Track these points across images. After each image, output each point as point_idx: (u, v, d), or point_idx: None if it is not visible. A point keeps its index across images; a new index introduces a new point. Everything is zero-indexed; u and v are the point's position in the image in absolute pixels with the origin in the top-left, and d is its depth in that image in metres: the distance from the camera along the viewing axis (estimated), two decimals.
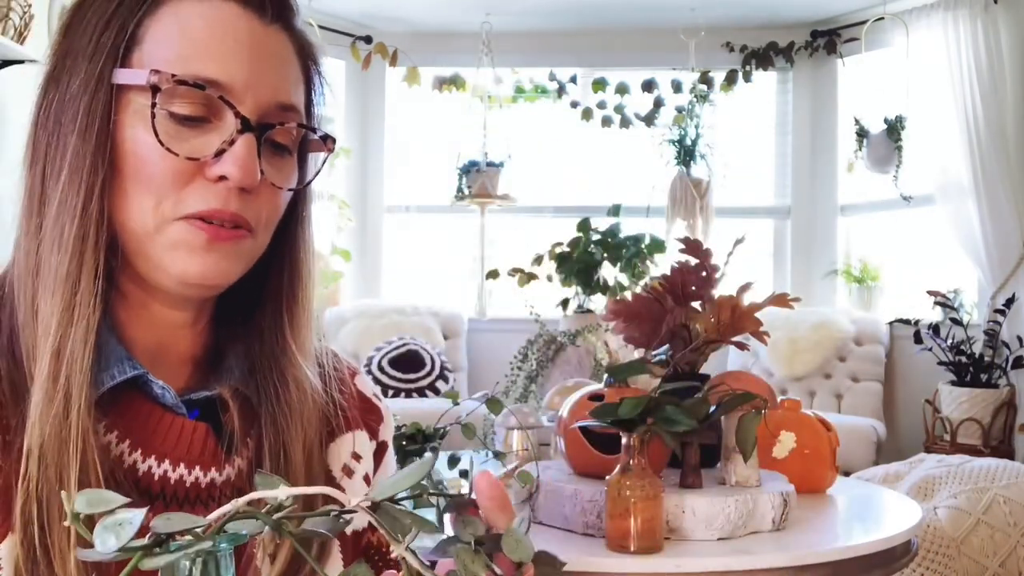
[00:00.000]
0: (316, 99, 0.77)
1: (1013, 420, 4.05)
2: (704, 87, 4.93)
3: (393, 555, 0.86)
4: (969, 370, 4.13)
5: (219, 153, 0.67)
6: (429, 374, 4.54)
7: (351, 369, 0.85)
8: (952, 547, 2.43)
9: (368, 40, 5.00)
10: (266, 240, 0.73)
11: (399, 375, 4.50)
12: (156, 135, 0.66)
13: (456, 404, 1.65)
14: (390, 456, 0.85)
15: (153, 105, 0.66)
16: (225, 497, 0.70)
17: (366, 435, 0.81)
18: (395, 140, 5.28)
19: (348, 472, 0.78)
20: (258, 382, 0.73)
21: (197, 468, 0.70)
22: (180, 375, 0.74)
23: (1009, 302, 4.13)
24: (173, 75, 0.66)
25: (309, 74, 0.76)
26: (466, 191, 4.90)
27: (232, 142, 0.67)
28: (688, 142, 4.90)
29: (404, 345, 4.58)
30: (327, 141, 0.75)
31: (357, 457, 0.79)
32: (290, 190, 0.73)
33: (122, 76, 0.67)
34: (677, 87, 5.01)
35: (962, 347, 4.16)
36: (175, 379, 0.73)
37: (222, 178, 0.67)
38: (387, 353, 4.55)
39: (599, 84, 5.12)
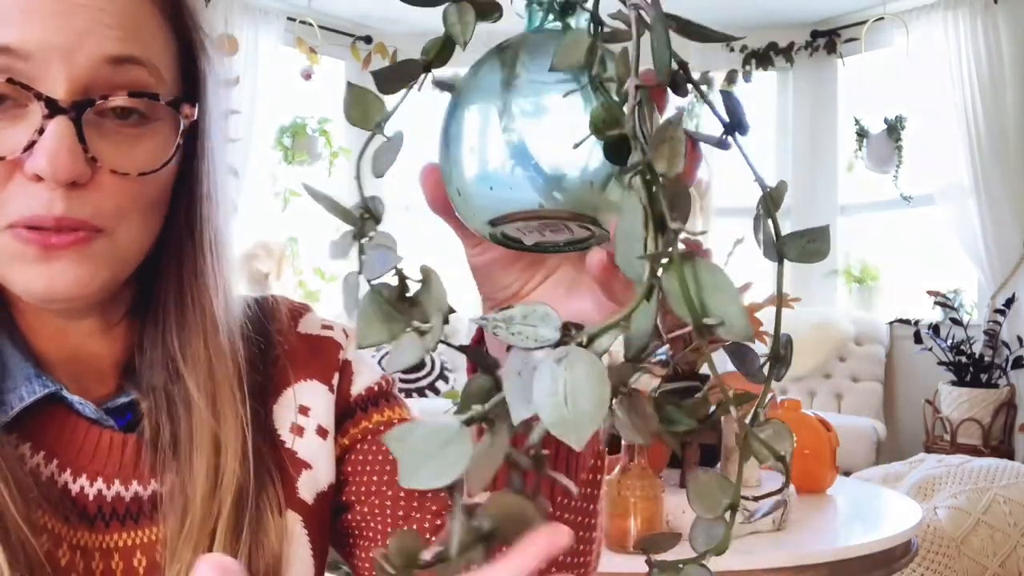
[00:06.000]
0: (199, 52, 0.64)
1: (1013, 420, 4.05)
2: (704, 87, 4.92)
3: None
4: (969, 370, 4.13)
5: (31, 146, 0.55)
6: (429, 374, 4.54)
7: (295, 311, 0.76)
8: (952, 547, 2.43)
9: (368, 40, 4.99)
10: (136, 235, 0.61)
11: (399, 375, 4.50)
12: None
13: (456, 404, 1.65)
14: (360, 364, 0.77)
15: None
16: (172, 505, 0.63)
17: (314, 382, 0.72)
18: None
19: (298, 431, 0.70)
20: (158, 390, 0.65)
21: (134, 483, 0.64)
22: (106, 383, 0.67)
23: (1009, 302, 4.13)
24: None
25: (180, 23, 0.63)
26: None
27: (42, 130, 0.55)
28: None
29: None
30: (181, 107, 0.61)
31: (304, 410, 0.71)
32: (143, 174, 0.59)
33: None
34: None
35: (962, 347, 4.16)
36: (101, 387, 0.66)
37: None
38: (387, 353, 4.55)
39: None
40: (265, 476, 0.66)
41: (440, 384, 4.52)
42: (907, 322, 4.38)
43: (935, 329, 4.21)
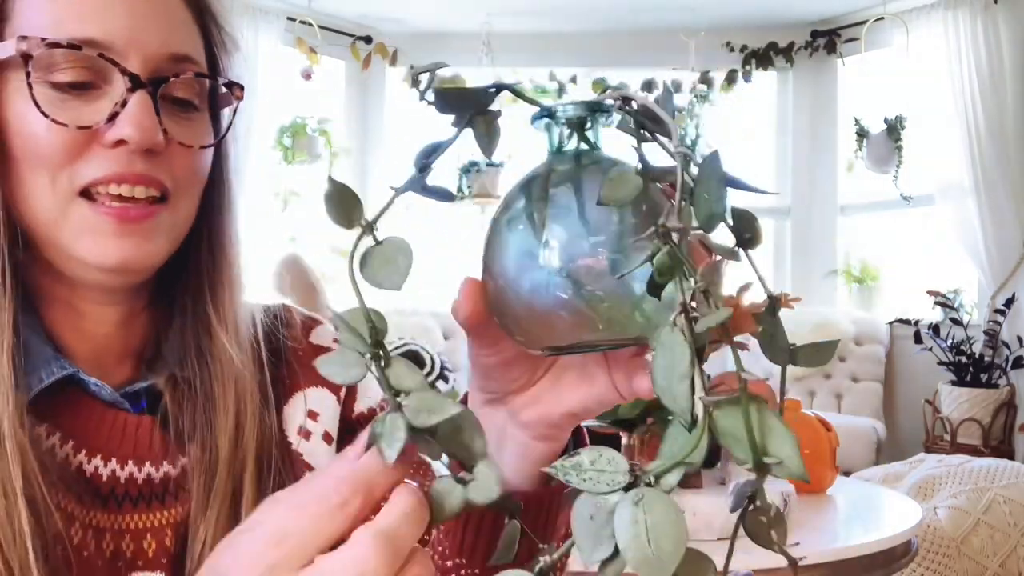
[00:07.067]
0: (218, 49, 0.71)
1: (1013, 420, 4.05)
2: (704, 87, 4.93)
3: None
4: (969, 370, 4.13)
5: (112, 117, 0.62)
6: (429, 374, 4.54)
7: (307, 323, 0.79)
8: (952, 547, 2.43)
9: (368, 40, 4.99)
10: (190, 209, 0.68)
11: None
12: (38, 106, 0.61)
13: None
14: (365, 384, 0.78)
15: (28, 75, 0.61)
16: (183, 491, 0.66)
17: (324, 390, 0.75)
18: (395, 140, 5.28)
19: (305, 434, 0.73)
20: (187, 365, 0.69)
21: (147, 464, 0.66)
22: (123, 370, 0.70)
23: (1009, 302, 4.13)
24: (43, 39, 0.61)
25: (204, 22, 0.70)
26: (466, 191, 4.90)
27: (124, 103, 0.62)
28: (688, 142, 4.90)
29: (404, 345, 4.58)
30: (233, 89, 0.69)
31: (313, 415, 0.74)
32: (203, 147, 0.67)
33: None
34: (677, 87, 5.01)
35: (962, 347, 4.16)
36: (119, 374, 0.69)
37: (120, 143, 0.62)
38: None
39: (599, 84, 5.12)
40: (279, 454, 0.69)
41: (440, 384, 4.52)
42: (907, 322, 4.38)
43: (935, 329, 4.21)
